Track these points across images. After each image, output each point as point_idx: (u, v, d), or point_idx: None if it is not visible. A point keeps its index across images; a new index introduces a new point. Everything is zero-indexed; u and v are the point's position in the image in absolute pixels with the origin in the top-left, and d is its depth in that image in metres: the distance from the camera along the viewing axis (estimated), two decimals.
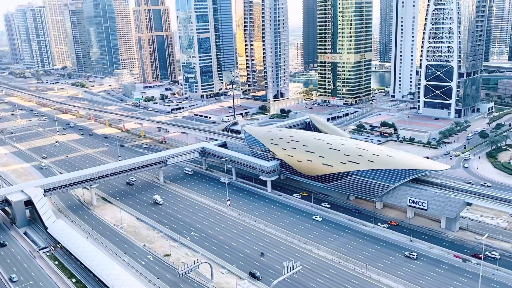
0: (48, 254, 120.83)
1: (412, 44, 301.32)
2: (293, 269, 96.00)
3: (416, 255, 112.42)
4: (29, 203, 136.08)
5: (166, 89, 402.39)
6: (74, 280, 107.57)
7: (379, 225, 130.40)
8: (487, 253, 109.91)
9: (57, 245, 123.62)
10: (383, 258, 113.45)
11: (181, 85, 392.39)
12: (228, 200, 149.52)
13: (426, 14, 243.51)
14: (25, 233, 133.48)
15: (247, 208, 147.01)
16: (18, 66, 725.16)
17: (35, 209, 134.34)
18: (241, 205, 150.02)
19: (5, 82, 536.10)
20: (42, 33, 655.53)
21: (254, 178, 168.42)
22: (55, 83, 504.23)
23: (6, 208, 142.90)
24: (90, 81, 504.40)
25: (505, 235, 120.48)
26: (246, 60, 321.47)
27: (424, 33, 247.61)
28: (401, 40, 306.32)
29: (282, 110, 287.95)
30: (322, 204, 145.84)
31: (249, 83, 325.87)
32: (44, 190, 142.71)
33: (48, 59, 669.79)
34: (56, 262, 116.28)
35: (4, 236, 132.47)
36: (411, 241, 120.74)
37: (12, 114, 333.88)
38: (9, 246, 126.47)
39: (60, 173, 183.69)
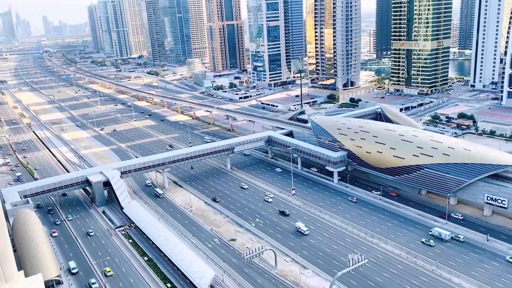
0: (123, 232, 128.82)
1: (497, 30, 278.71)
2: (358, 262, 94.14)
3: None
4: (107, 184, 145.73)
5: (235, 78, 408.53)
6: (146, 258, 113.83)
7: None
8: None
9: (132, 224, 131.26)
10: (456, 256, 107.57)
11: (250, 73, 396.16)
12: (293, 189, 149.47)
13: None
14: (103, 212, 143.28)
15: (312, 198, 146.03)
16: (99, 55, 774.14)
17: (113, 190, 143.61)
18: (306, 195, 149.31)
19: (87, 70, 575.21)
20: (121, 24, 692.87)
21: (320, 169, 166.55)
22: (132, 71, 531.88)
23: (87, 188, 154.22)
24: (164, 70, 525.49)
25: None
26: (316, 48, 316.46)
27: (511, 17, 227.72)
28: (485, 26, 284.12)
29: (352, 99, 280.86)
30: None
31: (317, 71, 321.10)
32: (121, 172, 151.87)
33: (126, 48, 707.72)
34: (130, 241, 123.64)
35: (85, 213, 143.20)
36: (487, 240, 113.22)
37: (115, 105, 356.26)
38: (89, 223, 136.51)
39: (136, 156, 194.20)
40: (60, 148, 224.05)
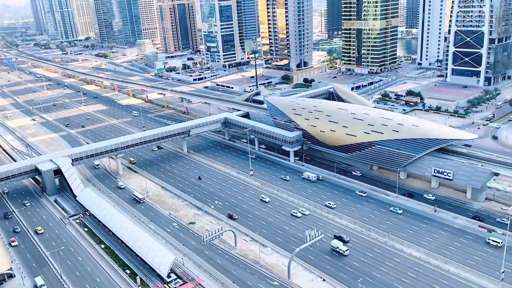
0: (77, 221, 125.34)
1: (441, 9, 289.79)
2: (315, 238, 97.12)
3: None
4: (58, 172, 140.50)
5: (188, 59, 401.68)
6: (103, 246, 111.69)
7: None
8: (497, 219, 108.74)
9: (86, 212, 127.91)
10: (406, 228, 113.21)
11: (203, 54, 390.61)
12: (251, 170, 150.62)
13: None
14: (55, 201, 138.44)
15: (270, 178, 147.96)
16: (43, 38, 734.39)
17: (64, 178, 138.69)
18: (264, 175, 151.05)
19: (31, 53, 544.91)
20: (65, 4, 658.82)
21: (277, 148, 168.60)
22: (79, 54, 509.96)
23: (37, 177, 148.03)
24: (113, 52, 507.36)
25: None
26: (269, 28, 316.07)
27: None
28: (430, 5, 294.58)
29: (305, 80, 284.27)
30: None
31: (271, 52, 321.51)
32: (72, 159, 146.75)
33: (71, 30, 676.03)
34: (86, 229, 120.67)
35: (36, 203, 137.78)
36: (435, 211, 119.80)
37: (64, 88, 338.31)
38: (41, 213, 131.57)
39: (87, 143, 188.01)
40: (5, 137, 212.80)
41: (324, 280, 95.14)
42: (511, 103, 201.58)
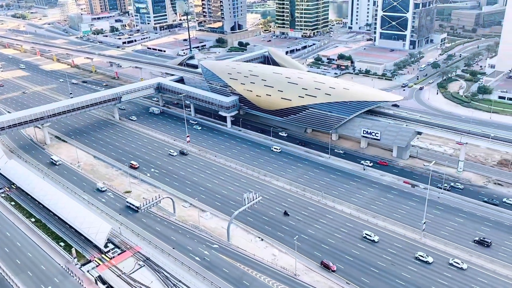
0: (3, 195, 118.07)
1: None
2: (253, 200, 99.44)
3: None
4: None
5: (116, 21, 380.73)
6: (33, 219, 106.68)
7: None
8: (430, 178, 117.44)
9: (12, 186, 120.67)
10: (338, 186, 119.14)
11: (132, 16, 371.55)
12: (187, 136, 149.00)
13: None
14: None
15: (207, 144, 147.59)
16: None
17: None
18: (201, 141, 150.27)
19: None
20: None
21: (213, 114, 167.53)
22: None
23: None
24: (32, 13, 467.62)
25: (450, 161, 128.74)
26: None
27: None
28: None
29: (240, 43, 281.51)
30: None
31: (204, 14, 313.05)
32: None
33: None
34: (13, 203, 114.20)
35: None
36: (364, 169, 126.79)
37: None
38: None
39: (8, 112, 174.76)
40: None
41: (262, 239, 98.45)
42: (433, 66, 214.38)
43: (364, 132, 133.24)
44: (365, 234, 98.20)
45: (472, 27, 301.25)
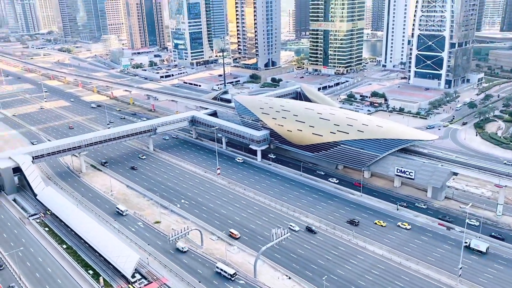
0: (38, 221, 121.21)
1: (405, 13, 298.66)
2: (281, 236, 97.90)
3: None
4: (17, 170, 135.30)
5: (155, 56, 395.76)
6: (64, 246, 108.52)
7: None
8: (467, 221, 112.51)
9: (47, 212, 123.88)
10: (370, 226, 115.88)
11: (170, 52, 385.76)
12: (218, 168, 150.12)
13: None
14: (14, 200, 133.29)
15: (237, 177, 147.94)
16: (2, 31, 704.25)
17: (24, 176, 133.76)
18: (231, 174, 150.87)
19: None
20: None
21: (244, 147, 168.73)
22: (41, 48, 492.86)
23: None
24: (77, 47, 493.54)
25: (488, 204, 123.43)
26: (237, 26, 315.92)
27: (417, 2, 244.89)
28: (394, 9, 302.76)
29: (273, 79, 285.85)
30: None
31: (239, 50, 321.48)
32: (33, 157, 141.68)
33: (33, 23, 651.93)
34: (47, 229, 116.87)
35: None
36: (397, 209, 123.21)
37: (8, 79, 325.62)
38: None
39: (48, 140, 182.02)
40: None
41: (289, 278, 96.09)
42: (470, 106, 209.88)
43: (398, 170, 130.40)
44: (398, 277, 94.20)
45: (510, 67, 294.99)
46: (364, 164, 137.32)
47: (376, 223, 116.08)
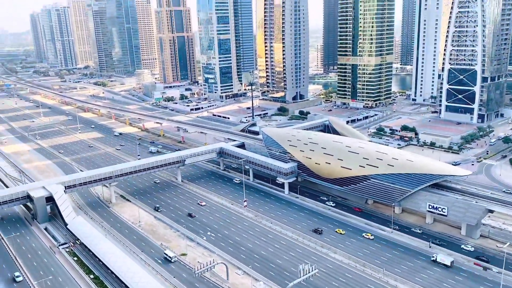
0: (67, 250, 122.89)
1: (435, 47, 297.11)
2: (309, 272, 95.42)
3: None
4: (50, 199, 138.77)
5: (186, 89, 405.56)
6: (92, 276, 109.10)
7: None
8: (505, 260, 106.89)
9: (77, 241, 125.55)
10: (401, 264, 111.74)
11: (201, 85, 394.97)
12: (245, 201, 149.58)
13: (450, 17, 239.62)
14: (46, 229, 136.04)
15: (264, 210, 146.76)
16: (42, 65, 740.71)
17: (56, 206, 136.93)
18: (258, 206, 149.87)
19: (30, 80, 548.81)
20: (66, 33, 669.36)
21: (272, 180, 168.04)
22: (78, 82, 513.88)
23: (28, 203, 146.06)
24: (111, 81, 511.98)
25: None
26: (266, 61, 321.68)
27: (447, 36, 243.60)
28: (424, 43, 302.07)
29: (301, 112, 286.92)
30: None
31: (268, 84, 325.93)
32: (65, 187, 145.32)
33: (71, 58, 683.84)
34: (75, 258, 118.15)
35: (25, 231, 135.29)
36: (430, 247, 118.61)
37: (46, 112, 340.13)
38: (30, 241, 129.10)
39: (81, 170, 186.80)
40: None
41: None
42: (505, 141, 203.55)
43: (430, 206, 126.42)
44: None
45: None
46: (395, 199, 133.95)
47: (408, 262, 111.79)
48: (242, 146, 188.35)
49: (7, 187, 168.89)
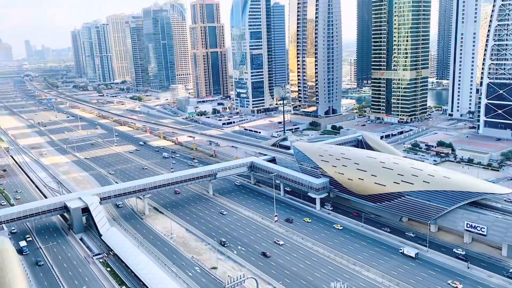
0: (101, 260, 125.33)
1: (473, 61, 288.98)
2: None
3: None
4: (86, 210, 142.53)
5: (218, 104, 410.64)
6: (124, 287, 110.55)
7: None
8: None
9: (110, 252, 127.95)
10: (437, 284, 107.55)
11: (233, 100, 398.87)
12: (275, 216, 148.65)
13: (489, 30, 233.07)
14: (81, 239, 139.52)
15: (295, 225, 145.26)
16: (82, 80, 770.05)
17: (91, 216, 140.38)
18: (289, 222, 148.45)
19: (69, 94, 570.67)
20: (104, 49, 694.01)
21: (303, 195, 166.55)
22: (115, 96, 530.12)
23: (65, 214, 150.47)
24: (147, 95, 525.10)
25: None
26: (298, 75, 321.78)
27: (486, 50, 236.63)
28: (461, 57, 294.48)
29: (333, 127, 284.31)
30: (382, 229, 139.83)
31: (300, 98, 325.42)
32: (100, 198, 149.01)
33: (109, 73, 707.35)
34: (108, 269, 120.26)
35: (62, 240, 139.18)
36: (468, 267, 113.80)
37: (96, 128, 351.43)
38: (66, 251, 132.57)
39: (116, 182, 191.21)
40: (39, 173, 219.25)
41: None
42: None
43: (468, 225, 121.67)
44: None
45: None
46: (431, 217, 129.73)
47: (449, 284, 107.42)
48: (273, 160, 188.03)
49: (46, 197, 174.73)
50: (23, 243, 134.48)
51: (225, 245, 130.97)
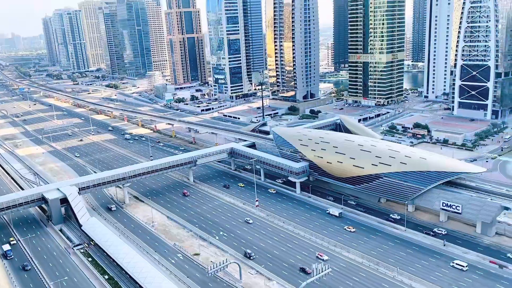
0: (82, 251, 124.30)
1: (447, 44, 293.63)
2: (322, 272, 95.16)
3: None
4: (64, 201, 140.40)
5: (197, 90, 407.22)
6: (106, 276, 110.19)
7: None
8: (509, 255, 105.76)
9: (91, 242, 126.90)
10: (415, 262, 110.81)
11: (211, 86, 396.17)
12: (256, 200, 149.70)
13: (462, 12, 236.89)
14: (60, 230, 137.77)
15: (276, 209, 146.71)
16: (55, 69, 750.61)
17: (70, 207, 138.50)
18: (270, 206, 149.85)
19: (42, 83, 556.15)
20: (77, 36, 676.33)
21: (283, 179, 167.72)
22: (90, 84, 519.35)
23: (43, 205, 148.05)
24: (123, 83, 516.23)
25: None
26: (276, 60, 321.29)
27: (459, 32, 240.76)
28: (435, 40, 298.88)
29: (312, 111, 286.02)
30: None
31: (278, 83, 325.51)
32: (79, 188, 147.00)
33: (83, 61, 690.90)
34: (90, 259, 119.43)
35: (41, 232, 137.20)
36: (444, 245, 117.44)
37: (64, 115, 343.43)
38: (45, 242, 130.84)
39: (94, 172, 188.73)
40: (14, 165, 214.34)
41: None
42: None
43: (444, 204, 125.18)
44: None
45: None
46: (408, 197, 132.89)
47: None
48: (253, 146, 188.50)
49: (22, 189, 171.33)
50: (6, 247, 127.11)
51: (251, 258, 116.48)
